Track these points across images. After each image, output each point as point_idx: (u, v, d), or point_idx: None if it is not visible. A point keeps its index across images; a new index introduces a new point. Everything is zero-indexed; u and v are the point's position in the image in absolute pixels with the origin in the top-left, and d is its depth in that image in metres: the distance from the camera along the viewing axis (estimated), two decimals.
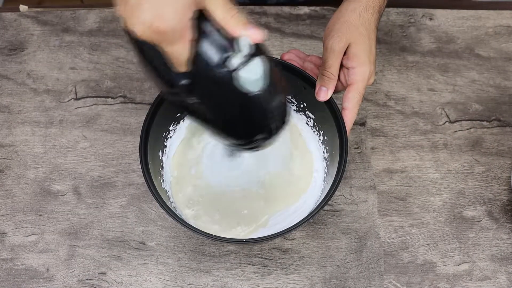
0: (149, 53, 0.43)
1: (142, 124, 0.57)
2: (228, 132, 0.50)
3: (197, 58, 0.43)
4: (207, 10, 0.42)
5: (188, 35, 0.41)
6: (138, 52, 0.44)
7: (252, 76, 0.44)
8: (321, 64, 0.58)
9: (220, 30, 0.42)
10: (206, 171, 0.64)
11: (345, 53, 0.57)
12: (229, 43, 0.43)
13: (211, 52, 0.43)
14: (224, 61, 0.43)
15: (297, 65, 0.60)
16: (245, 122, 0.49)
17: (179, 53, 0.42)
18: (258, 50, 0.44)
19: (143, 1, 0.40)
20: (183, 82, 0.44)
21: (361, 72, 0.57)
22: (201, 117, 0.49)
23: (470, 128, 0.71)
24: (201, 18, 0.42)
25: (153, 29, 0.40)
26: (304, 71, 0.59)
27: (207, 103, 0.46)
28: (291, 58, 0.62)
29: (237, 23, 0.43)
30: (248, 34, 0.43)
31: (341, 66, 0.58)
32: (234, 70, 0.43)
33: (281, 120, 0.51)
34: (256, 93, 0.45)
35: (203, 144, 0.65)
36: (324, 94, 0.57)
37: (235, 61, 0.43)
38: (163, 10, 0.40)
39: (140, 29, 0.40)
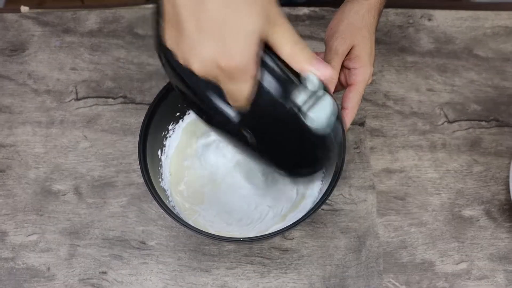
0: (198, 86, 0.39)
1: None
2: (281, 165, 0.48)
3: (259, 95, 0.39)
4: (273, 43, 0.38)
5: (253, 71, 0.37)
6: (184, 88, 0.40)
7: (321, 116, 0.41)
8: None
9: (286, 64, 0.39)
10: (203, 170, 0.64)
11: (347, 54, 0.58)
12: (295, 79, 0.40)
13: (275, 90, 0.39)
14: (287, 99, 0.40)
15: None
16: (308, 158, 0.46)
17: (242, 91, 0.38)
18: (326, 90, 0.41)
19: (206, 35, 0.35)
20: (239, 118, 0.40)
21: (362, 73, 0.57)
22: (253, 150, 0.46)
23: (469, 128, 0.72)
24: (266, 50, 0.38)
25: (217, 67, 0.36)
26: None
27: (264, 139, 0.43)
28: None
29: (305, 58, 0.39)
30: (316, 70, 0.40)
31: (342, 66, 0.59)
32: (300, 108, 0.40)
33: (341, 155, 0.49)
34: (322, 132, 0.42)
35: (201, 143, 0.65)
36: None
37: (300, 99, 0.40)
38: (230, 46, 0.35)
39: (201, 67, 0.36)
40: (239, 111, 0.40)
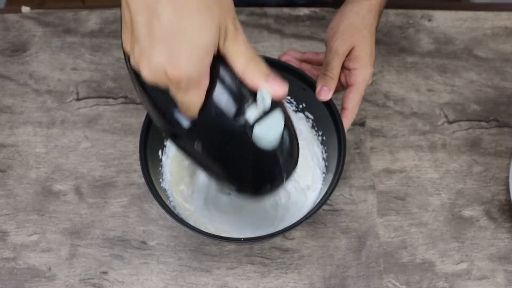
0: (154, 93, 0.39)
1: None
2: (230, 180, 0.47)
3: (209, 107, 0.38)
4: (227, 56, 0.38)
5: (204, 83, 0.37)
6: (141, 91, 0.40)
7: (269, 133, 0.41)
8: (324, 65, 0.58)
9: (238, 79, 0.38)
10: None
11: (347, 55, 0.58)
12: (247, 95, 0.39)
13: (226, 103, 0.39)
14: (238, 114, 0.39)
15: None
16: (254, 174, 0.45)
17: (191, 101, 0.38)
18: (276, 104, 0.40)
19: (157, 42, 0.35)
20: (188, 126, 0.40)
21: (362, 74, 0.58)
22: (201, 161, 0.45)
23: (469, 129, 0.72)
24: (218, 63, 0.38)
25: (165, 75, 0.35)
26: (304, 72, 0.60)
27: (211, 151, 0.43)
28: (289, 60, 0.63)
29: (258, 74, 0.38)
30: (269, 87, 0.39)
31: (342, 67, 0.59)
32: (250, 124, 0.39)
33: (291, 170, 0.48)
34: (270, 149, 0.42)
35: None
36: (325, 94, 0.57)
37: (251, 115, 0.39)
38: (179, 55, 0.35)
39: (150, 74, 0.36)
40: (189, 120, 0.40)
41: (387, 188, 0.67)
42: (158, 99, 0.40)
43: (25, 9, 0.79)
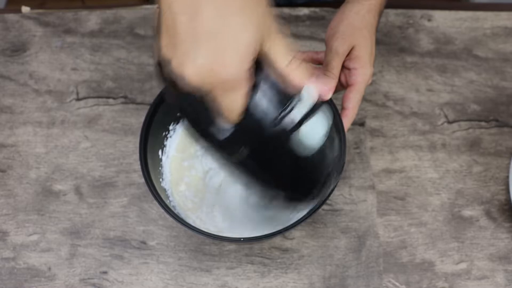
0: (193, 102, 0.38)
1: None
2: (274, 186, 0.46)
3: (250, 110, 0.38)
4: (269, 56, 0.38)
5: (246, 83, 0.37)
6: (179, 100, 0.39)
7: (313, 133, 0.40)
8: (324, 65, 0.58)
9: (281, 79, 0.38)
10: (204, 170, 0.64)
11: (347, 55, 0.58)
12: (290, 95, 0.38)
13: (269, 104, 0.38)
14: (282, 115, 0.38)
15: None
16: (299, 178, 0.44)
17: (233, 103, 0.37)
18: (321, 103, 0.40)
19: (202, 42, 0.35)
20: (228, 132, 0.39)
21: (362, 74, 0.58)
22: (245, 168, 0.44)
23: (468, 129, 0.72)
24: (260, 64, 0.37)
25: (210, 75, 0.35)
26: None
27: (256, 156, 0.42)
28: None
29: (303, 73, 0.39)
30: (315, 85, 0.39)
31: (342, 66, 0.59)
32: (295, 124, 0.39)
33: (339, 172, 0.47)
34: (315, 149, 0.41)
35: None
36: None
37: (295, 115, 0.39)
38: (224, 56, 0.35)
39: (195, 74, 0.35)
40: (230, 124, 0.39)
41: (387, 188, 0.67)
42: (196, 107, 0.39)
43: (25, 9, 0.79)
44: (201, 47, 0.35)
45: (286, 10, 0.79)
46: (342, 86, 0.60)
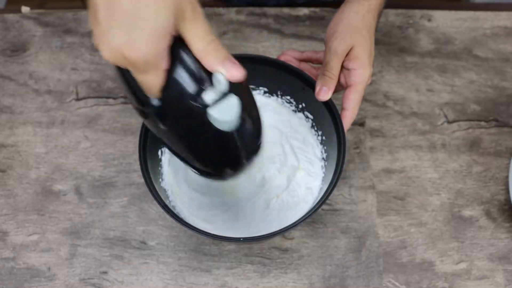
0: (124, 73, 0.40)
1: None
2: (192, 161, 0.48)
3: (169, 88, 0.40)
4: (186, 39, 0.38)
5: (162, 64, 0.38)
6: (115, 70, 0.41)
7: (224, 117, 0.42)
8: (323, 65, 0.58)
9: (197, 62, 0.39)
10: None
11: (347, 55, 0.58)
12: (205, 77, 0.40)
13: (184, 84, 0.40)
14: (196, 95, 0.40)
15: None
16: (214, 156, 0.47)
17: (150, 82, 0.39)
18: (235, 87, 0.41)
19: (114, 24, 0.36)
20: (151, 106, 0.41)
21: (362, 74, 0.58)
22: (167, 142, 0.47)
23: (468, 129, 0.72)
24: (178, 45, 0.39)
25: (122, 57, 0.36)
26: (303, 72, 0.60)
27: (174, 131, 0.44)
28: (288, 59, 0.63)
29: (216, 58, 0.39)
30: (225, 71, 0.40)
31: (341, 67, 0.59)
32: (206, 106, 0.41)
33: (252, 155, 0.49)
34: (227, 131, 0.43)
35: None
36: (325, 94, 0.57)
37: (208, 97, 0.40)
38: (135, 37, 0.36)
39: (109, 55, 0.37)
40: (152, 100, 0.41)
41: (387, 188, 0.67)
42: (127, 79, 0.41)
43: (25, 9, 0.79)
44: (115, 29, 0.36)
45: (286, 10, 0.79)
46: (341, 87, 0.60)
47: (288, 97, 0.65)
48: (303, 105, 0.64)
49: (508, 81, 0.75)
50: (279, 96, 0.65)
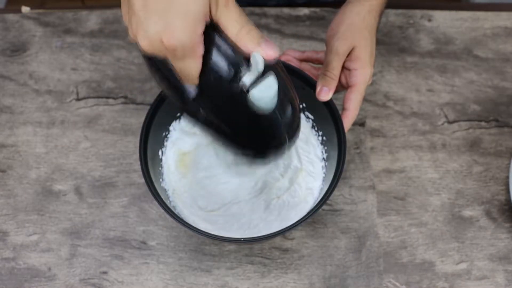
0: (159, 64, 0.41)
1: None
2: (239, 144, 0.49)
3: (207, 74, 0.41)
4: (220, 23, 0.40)
5: (199, 50, 0.39)
6: (148, 62, 0.42)
7: (264, 96, 0.43)
8: (324, 65, 0.58)
9: (232, 45, 0.41)
10: (201, 170, 0.64)
11: (348, 55, 0.58)
12: (242, 60, 0.41)
13: (222, 69, 0.41)
14: (235, 78, 0.41)
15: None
16: (257, 136, 0.48)
17: (188, 69, 0.40)
18: (271, 67, 0.42)
19: (151, 13, 0.37)
20: (190, 93, 0.43)
21: (363, 74, 0.58)
22: (207, 127, 0.47)
23: (469, 129, 0.72)
24: (213, 30, 0.40)
25: (161, 44, 0.38)
26: (304, 72, 0.60)
27: (217, 117, 0.45)
28: (288, 59, 0.63)
29: (251, 40, 0.40)
30: (262, 51, 0.41)
31: (342, 67, 0.59)
32: (246, 88, 0.42)
33: (294, 133, 0.50)
34: (268, 111, 0.44)
35: (198, 143, 0.65)
36: (325, 94, 0.57)
37: (246, 79, 0.42)
38: (173, 24, 0.37)
39: (147, 44, 0.38)
40: (192, 88, 0.42)
41: (387, 188, 0.67)
42: (163, 69, 0.42)
43: (25, 9, 0.79)
44: (152, 18, 0.37)
45: (286, 10, 0.79)
46: (342, 87, 0.60)
47: None
48: (304, 105, 0.64)
49: (508, 81, 0.75)
50: None
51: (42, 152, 0.70)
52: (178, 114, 0.64)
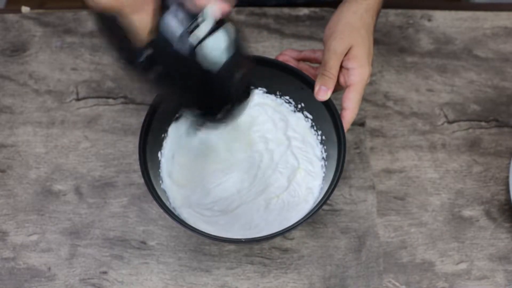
0: (110, 24, 0.42)
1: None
2: (191, 104, 0.49)
3: (160, 28, 0.42)
4: None
5: (147, 7, 0.41)
6: (99, 23, 0.43)
7: (216, 48, 0.43)
8: (322, 65, 0.58)
9: (184, 1, 0.42)
10: (201, 172, 0.64)
11: (345, 54, 0.58)
12: (194, 14, 0.42)
13: (175, 22, 0.42)
14: (188, 31, 0.42)
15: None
16: (205, 94, 0.48)
17: (141, 23, 0.41)
18: (223, 21, 0.43)
19: None
20: (145, 54, 0.43)
21: (361, 73, 0.58)
22: (162, 88, 0.48)
23: (468, 129, 0.72)
24: None
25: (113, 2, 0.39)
26: (302, 72, 0.60)
27: (170, 76, 0.45)
28: (286, 59, 0.63)
29: None
30: (214, 5, 0.42)
31: (341, 66, 0.59)
32: (199, 40, 0.42)
33: (245, 92, 0.50)
34: (218, 65, 0.44)
35: (197, 143, 0.65)
36: (324, 93, 0.57)
37: (199, 31, 0.42)
38: None
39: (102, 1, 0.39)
40: (143, 48, 0.42)
41: (387, 188, 0.67)
42: (115, 31, 0.43)
43: (25, 9, 0.79)
44: None
45: (286, 10, 0.79)
46: (340, 86, 0.60)
47: (287, 97, 0.65)
48: (302, 105, 0.64)
49: (508, 81, 0.75)
50: (278, 96, 0.65)
51: (42, 152, 0.70)
52: (177, 116, 0.64)
